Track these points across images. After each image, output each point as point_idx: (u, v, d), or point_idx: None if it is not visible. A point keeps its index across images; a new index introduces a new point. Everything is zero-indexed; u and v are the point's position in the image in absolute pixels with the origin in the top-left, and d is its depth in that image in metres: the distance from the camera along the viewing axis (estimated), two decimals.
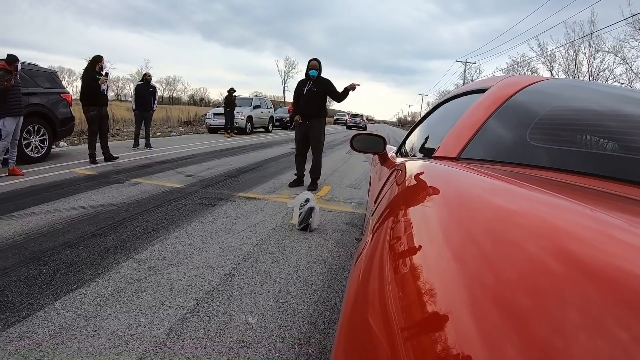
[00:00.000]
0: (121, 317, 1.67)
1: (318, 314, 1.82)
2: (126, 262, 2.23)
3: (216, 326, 1.64)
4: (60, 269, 2.12)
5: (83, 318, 1.67)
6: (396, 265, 0.43)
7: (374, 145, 1.90)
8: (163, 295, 1.88)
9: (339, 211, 3.78)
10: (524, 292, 0.28)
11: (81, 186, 4.09)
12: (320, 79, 4.50)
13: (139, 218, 3.08)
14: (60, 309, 1.73)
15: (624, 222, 0.38)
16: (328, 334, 1.65)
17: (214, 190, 4.28)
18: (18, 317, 1.67)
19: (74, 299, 1.82)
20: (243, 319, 1.71)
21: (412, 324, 0.32)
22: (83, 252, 2.36)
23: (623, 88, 1.29)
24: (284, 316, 1.77)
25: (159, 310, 1.74)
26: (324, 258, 2.54)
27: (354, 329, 0.41)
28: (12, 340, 1.52)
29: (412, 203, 0.62)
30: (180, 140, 10.21)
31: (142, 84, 7.89)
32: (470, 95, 1.23)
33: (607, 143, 0.91)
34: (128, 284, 1.98)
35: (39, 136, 5.70)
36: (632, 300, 0.24)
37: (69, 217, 3.02)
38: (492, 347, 0.24)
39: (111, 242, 2.54)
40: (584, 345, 0.22)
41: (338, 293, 2.05)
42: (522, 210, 0.44)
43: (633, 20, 18.76)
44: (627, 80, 21.27)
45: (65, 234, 2.65)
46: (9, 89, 4.38)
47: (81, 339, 1.52)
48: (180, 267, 2.21)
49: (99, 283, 1.98)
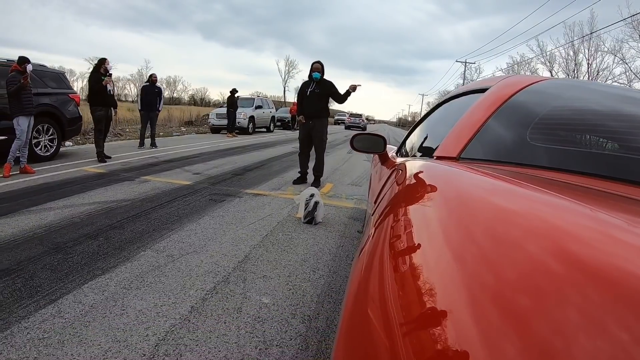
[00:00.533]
0: (146, 298, 1.83)
1: (325, 295, 1.99)
2: (145, 252, 2.39)
3: (234, 305, 1.81)
4: (84, 258, 2.28)
5: (111, 299, 1.83)
6: (396, 265, 0.43)
7: (374, 145, 1.90)
8: (183, 279, 2.04)
9: (341, 206, 3.94)
10: (523, 291, 0.28)
11: (93, 183, 4.25)
12: (323, 80, 4.68)
13: (153, 212, 3.25)
14: (88, 292, 1.89)
15: (624, 222, 0.38)
16: (334, 311, 1.82)
17: (221, 187, 4.45)
18: (49, 299, 1.83)
19: (100, 283, 1.98)
20: (258, 299, 1.88)
21: (412, 321, 0.32)
22: (104, 243, 2.51)
23: (623, 88, 1.29)
24: (294, 297, 1.94)
25: (180, 291, 1.91)
26: (329, 247, 2.71)
27: (355, 326, 0.42)
28: (46, 320, 1.67)
29: (412, 203, 0.62)
30: (184, 139, 10.37)
31: (148, 84, 8.05)
32: (470, 95, 1.23)
33: (607, 143, 0.90)
34: (149, 270, 2.14)
35: (48, 135, 5.85)
36: (632, 300, 0.24)
37: (85, 211, 3.18)
38: (491, 344, 0.25)
39: (129, 233, 2.70)
40: (583, 345, 0.22)
41: (342, 277, 2.21)
42: (522, 210, 0.44)
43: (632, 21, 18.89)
44: (627, 80, 21.37)
45: (84, 227, 2.81)
46: (23, 88, 4.55)
47: (111, 317, 1.68)
48: (196, 255, 2.38)
49: (122, 269, 2.14)
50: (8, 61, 5.45)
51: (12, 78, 4.53)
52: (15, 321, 1.62)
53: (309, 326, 1.69)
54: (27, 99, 4.68)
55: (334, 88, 4.70)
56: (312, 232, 3.04)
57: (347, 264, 2.43)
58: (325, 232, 3.07)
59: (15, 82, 4.50)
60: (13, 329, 1.57)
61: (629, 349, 0.21)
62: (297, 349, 1.53)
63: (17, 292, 1.86)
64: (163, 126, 15.13)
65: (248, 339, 1.56)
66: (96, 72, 5.79)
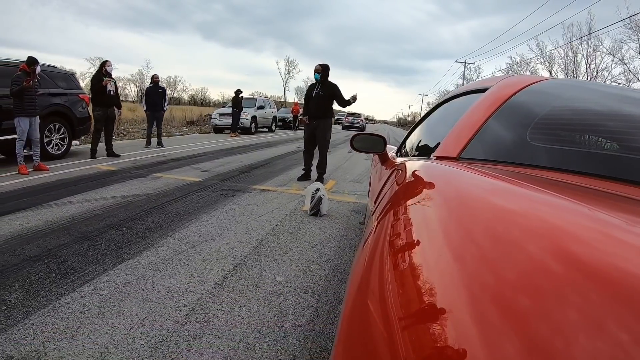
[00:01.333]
0: (174, 277, 2.06)
1: (331, 275, 2.24)
2: (167, 239, 2.62)
3: (252, 282, 2.04)
4: (111, 245, 2.50)
5: (141, 279, 2.05)
6: (396, 265, 0.43)
7: (374, 145, 1.89)
8: (205, 262, 2.27)
9: (344, 201, 4.17)
10: (522, 290, 0.28)
11: (108, 180, 4.47)
12: (327, 83, 4.95)
13: (169, 205, 3.48)
14: (120, 273, 2.11)
15: (624, 222, 0.38)
16: (340, 288, 2.06)
17: (230, 183, 4.68)
18: (84, 280, 2.04)
19: (129, 266, 2.20)
20: (273, 277, 2.12)
21: (412, 318, 0.32)
22: (127, 232, 2.74)
23: (622, 88, 1.30)
24: (304, 276, 2.18)
25: (203, 272, 2.14)
26: (334, 236, 2.95)
27: (355, 322, 0.42)
28: (84, 296, 1.88)
29: (412, 203, 0.62)
30: (188, 139, 10.60)
31: (152, 86, 8.26)
32: (470, 95, 1.24)
33: (607, 143, 0.90)
34: (173, 254, 2.37)
35: (59, 134, 6.07)
36: (632, 299, 0.24)
37: (105, 205, 3.40)
38: (490, 341, 0.25)
39: (149, 224, 2.93)
40: (583, 345, 0.22)
41: (347, 261, 2.44)
42: (522, 209, 0.44)
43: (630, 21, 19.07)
44: (625, 80, 21.56)
45: (106, 218, 3.03)
46: (25, 90, 4.56)
47: (144, 293, 1.90)
48: (214, 242, 2.61)
49: (148, 254, 2.36)
50: (20, 62, 5.68)
51: (17, 78, 4.54)
52: (55, 298, 1.82)
53: (319, 299, 1.92)
54: (29, 100, 4.64)
55: (337, 91, 4.97)
56: (317, 223, 3.27)
57: (350, 250, 2.67)
58: (330, 223, 3.31)
59: (18, 82, 4.50)
60: (54, 304, 1.77)
61: (628, 349, 0.21)
62: (309, 317, 1.76)
63: (53, 275, 2.07)
64: (166, 126, 15.33)
65: (267, 309, 1.79)
66: (98, 73, 6.09)
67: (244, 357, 1.45)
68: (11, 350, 1.42)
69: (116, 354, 1.43)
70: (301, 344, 1.56)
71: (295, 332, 1.64)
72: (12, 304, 1.74)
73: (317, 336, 1.62)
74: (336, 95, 4.97)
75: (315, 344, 1.56)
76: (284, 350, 1.50)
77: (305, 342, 1.57)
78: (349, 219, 3.46)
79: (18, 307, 1.71)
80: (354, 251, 2.64)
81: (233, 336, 1.57)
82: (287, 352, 1.50)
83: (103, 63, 6.15)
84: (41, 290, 1.89)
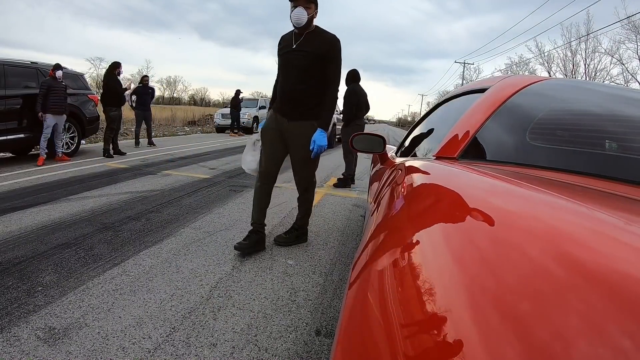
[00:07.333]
0: (195, 261, 2.29)
1: (336, 259, 2.48)
2: (185, 229, 2.85)
3: (266, 265, 2.28)
4: (133, 234, 2.72)
5: (165, 262, 2.27)
6: (396, 265, 0.43)
7: (373, 145, 1.88)
8: (222, 248, 2.51)
9: (345, 196, 4.41)
10: (522, 291, 0.28)
11: (120, 176, 4.69)
12: None
13: (182, 200, 3.71)
14: (145, 257, 2.33)
15: (624, 223, 0.38)
16: (345, 270, 2.29)
17: (237, 180, 4.92)
18: (112, 264, 2.25)
19: (153, 251, 2.43)
20: (284, 261, 2.36)
21: (411, 318, 0.33)
22: (146, 223, 2.96)
23: (621, 88, 1.30)
24: (312, 260, 2.42)
25: (221, 256, 2.37)
26: (337, 226, 3.20)
27: (355, 323, 0.42)
28: (115, 277, 2.10)
29: (411, 203, 0.62)
30: (191, 139, 10.82)
31: (141, 86, 8.33)
32: (469, 95, 1.24)
33: (606, 143, 0.89)
34: (192, 242, 2.60)
35: (70, 133, 6.29)
36: (632, 301, 0.24)
37: (121, 199, 3.62)
38: (490, 340, 0.25)
39: (166, 216, 3.16)
40: (583, 348, 0.22)
41: (350, 249, 2.68)
42: (521, 210, 0.44)
43: (628, 22, 19.25)
44: (624, 80, 21.74)
45: (125, 211, 3.25)
46: (45, 95, 5.27)
47: (169, 274, 2.13)
48: (228, 232, 2.85)
49: (169, 242, 2.59)
50: (32, 63, 5.91)
51: (43, 82, 5.32)
52: (87, 279, 2.02)
53: (326, 279, 2.16)
54: (53, 100, 5.34)
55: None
56: (322, 215, 3.51)
57: (354, 239, 2.90)
58: (333, 215, 3.55)
59: (44, 86, 5.26)
60: (88, 284, 1.97)
61: (628, 352, 0.21)
62: (318, 293, 2.00)
63: (82, 260, 2.28)
64: (167, 126, 15.58)
65: (280, 286, 2.03)
66: (110, 74, 6.32)
67: (263, 324, 1.68)
68: (53, 323, 1.59)
69: (151, 322, 1.65)
70: (312, 314, 1.79)
71: (306, 304, 1.87)
72: (47, 285, 1.92)
73: (325, 308, 1.85)
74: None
75: (324, 315, 1.79)
76: (298, 319, 1.73)
77: (315, 313, 1.80)
78: (351, 212, 3.70)
79: (54, 288, 1.89)
80: (358, 231, 2.88)
81: (252, 308, 1.80)
82: (300, 320, 1.73)
83: (116, 65, 6.37)
84: (73, 272, 2.08)
